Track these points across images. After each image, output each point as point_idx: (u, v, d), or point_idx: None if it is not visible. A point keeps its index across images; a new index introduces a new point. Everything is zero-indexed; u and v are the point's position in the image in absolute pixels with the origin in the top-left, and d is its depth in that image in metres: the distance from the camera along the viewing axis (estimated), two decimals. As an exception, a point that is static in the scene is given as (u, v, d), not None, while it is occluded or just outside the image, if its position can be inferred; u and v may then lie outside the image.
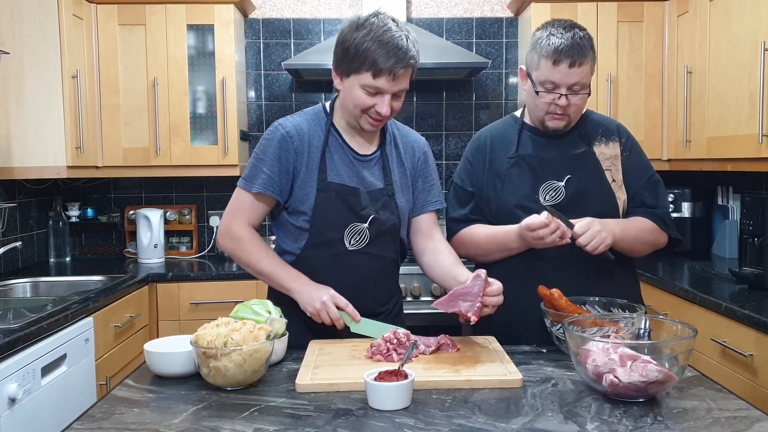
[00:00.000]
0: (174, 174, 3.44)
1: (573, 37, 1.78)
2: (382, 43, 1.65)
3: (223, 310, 2.30)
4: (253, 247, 1.81)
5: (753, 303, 2.27)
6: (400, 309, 2.00)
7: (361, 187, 1.81)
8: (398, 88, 1.71)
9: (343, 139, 1.83)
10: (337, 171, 1.80)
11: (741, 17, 2.66)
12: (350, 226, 1.79)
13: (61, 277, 3.08)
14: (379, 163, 1.86)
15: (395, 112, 1.76)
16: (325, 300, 1.71)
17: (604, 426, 1.23)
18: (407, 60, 1.69)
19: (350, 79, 1.72)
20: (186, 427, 1.25)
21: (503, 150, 1.94)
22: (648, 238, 1.90)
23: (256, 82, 3.78)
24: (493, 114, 3.81)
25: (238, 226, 1.82)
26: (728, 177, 3.36)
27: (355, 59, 1.68)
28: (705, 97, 2.95)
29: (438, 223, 1.97)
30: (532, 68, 1.85)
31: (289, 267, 1.81)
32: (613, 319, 1.58)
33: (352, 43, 1.68)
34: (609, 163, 1.92)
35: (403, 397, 1.32)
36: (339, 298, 1.72)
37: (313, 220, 1.78)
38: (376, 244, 1.83)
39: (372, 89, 1.69)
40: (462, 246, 1.97)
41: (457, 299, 1.62)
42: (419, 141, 1.96)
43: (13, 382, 1.90)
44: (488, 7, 3.80)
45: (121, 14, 3.31)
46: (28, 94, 2.96)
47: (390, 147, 1.89)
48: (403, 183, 1.88)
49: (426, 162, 1.95)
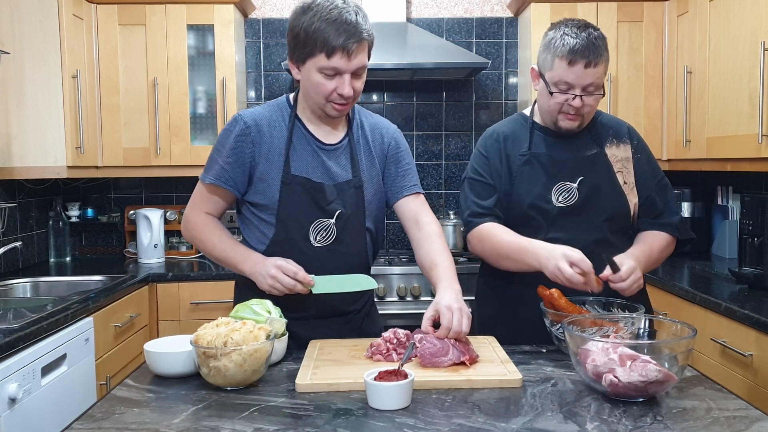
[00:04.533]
0: (174, 174, 3.44)
1: (588, 37, 1.76)
2: (330, 21, 1.62)
3: (223, 310, 2.31)
4: (206, 233, 1.80)
5: (753, 303, 2.27)
6: (371, 307, 1.95)
7: (327, 179, 1.77)
8: (356, 66, 1.67)
9: (307, 130, 1.79)
10: (301, 162, 1.76)
11: (741, 17, 2.66)
12: (315, 222, 1.76)
13: (61, 277, 3.08)
14: (346, 152, 1.82)
15: (358, 92, 1.71)
16: (273, 273, 1.67)
17: (603, 426, 1.23)
18: (359, 34, 1.64)
19: (306, 65, 1.68)
20: (186, 427, 1.25)
21: (515, 147, 1.92)
22: (665, 254, 1.92)
23: (256, 82, 3.79)
24: (493, 114, 3.82)
25: (194, 215, 1.83)
26: (728, 177, 3.36)
27: (307, 43, 1.65)
28: (705, 97, 2.95)
29: (425, 205, 1.87)
30: (546, 68, 1.82)
31: (240, 247, 1.78)
32: (612, 318, 1.58)
33: (301, 28, 1.65)
34: (620, 165, 1.91)
35: (403, 397, 1.32)
36: (287, 267, 1.67)
37: (278, 214, 1.75)
38: (344, 241, 1.79)
39: (329, 71, 1.66)
40: (480, 242, 1.88)
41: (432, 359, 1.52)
42: (389, 127, 1.91)
43: (13, 382, 1.90)
44: (488, 7, 3.80)
45: (121, 14, 3.31)
46: (28, 94, 2.96)
47: (357, 135, 1.84)
48: (371, 173, 1.83)
49: (398, 147, 1.89)
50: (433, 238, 1.79)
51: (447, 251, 1.77)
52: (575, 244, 1.79)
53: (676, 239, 1.94)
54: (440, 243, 1.79)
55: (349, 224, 1.79)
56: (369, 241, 1.86)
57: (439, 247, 1.77)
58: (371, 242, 1.87)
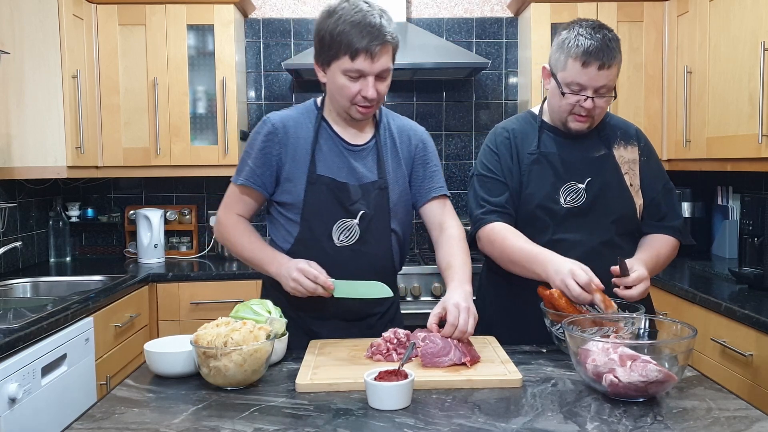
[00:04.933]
0: (174, 174, 3.44)
1: (603, 39, 1.73)
2: (354, 24, 1.63)
3: (223, 310, 2.30)
4: (236, 235, 1.82)
5: (753, 303, 2.27)
6: (396, 312, 1.95)
7: (352, 179, 1.78)
8: (379, 68, 1.68)
9: (333, 131, 1.81)
10: (327, 162, 1.78)
11: (741, 17, 2.66)
12: (339, 222, 1.77)
13: (61, 277, 3.08)
14: (373, 154, 1.83)
15: (382, 95, 1.73)
16: (295, 276, 1.67)
17: (603, 426, 1.23)
18: (383, 37, 1.65)
19: (331, 68, 1.70)
20: (186, 427, 1.25)
21: (525, 145, 1.90)
22: (670, 259, 1.92)
23: (256, 82, 3.79)
24: (493, 114, 3.82)
25: (225, 216, 1.84)
26: (728, 177, 3.36)
27: (332, 46, 1.66)
28: (705, 97, 2.95)
29: (450, 210, 1.88)
30: (558, 68, 1.80)
31: (267, 248, 1.79)
32: (612, 318, 1.58)
33: (326, 31, 1.67)
34: (627, 167, 1.90)
35: (403, 397, 1.32)
36: (308, 271, 1.66)
37: (303, 213, 1.77)
38: (367, 241, 1.79)
39: (353, 73, 1.67)
40: (490, 244, 1.85)
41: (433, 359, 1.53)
42: (416, 129, 1.92)
43: (13, 382, 1.90)
44: (488, 7, 3.80)
45: (121, 14, 3.31)
46: (28, 94, 2.96)
47: (384, 136, 1.85)
48: (397, 174, 1.84)
49: (426, 149, 1.89)
50: (452, 241, 1.80)
51: (464, 253, 1.78)
52: (582, 245, 1.79)
53: (679, 244, 1.93)
54: (458, 246, 1.79)
55: (373, 225, 1.80)
56: (395, 243, 1.86)
57: (456, 250, 1.78)
58: (397, 244, 1.87)
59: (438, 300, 1.76)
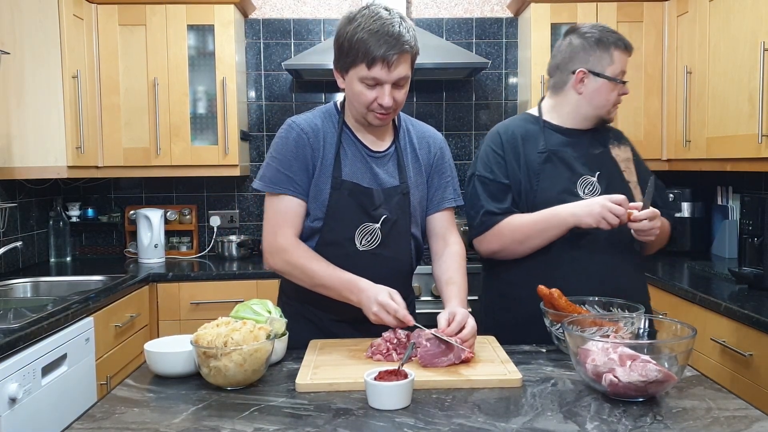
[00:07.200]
0: (174, 174, 3.44)
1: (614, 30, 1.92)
2: (372, 32, 1.63)
3: (223, 310, 2.30)
4: (308, 261, 1.73)
5: (753, 303, 2.27)
6: (412, 312, 1.95)
7: (376, 185, 1.78)
8: (396, 77, 1.67)
9: (355, 136, 1.81)
10: (351, 168, 1.77)
11: (740, 17, 2.67)
12: (361, 226, 1.77)
13: (61, 277, 3.08)
14: (394, 159, 1.83)
15: (400, 103, 1.72)
16: (375, 311, 1.62)
17: (603, 426, 1.23)
18: (400, 46, 1.65)
19: (349, 74, 1.70)
20: (186, 427, 1.25)
21: (532, 147, 1.93)
22: (666, 236, 2.00)
23: (257, 82, 3.79)
24: (493, 114, 3.82)
25: (283, 237, 1.75)
26: (728, 177, 3.36)
27: (350, 53, 1.66)
28: (704, 97, 2.95)
29: (454, 222, 1.92)
30: (605, 65, 1.89)
31: (344, 275, 1.70)
32: (612, 318, 1.58)
33: (345, 38, 1.66)
34: (624, 165, 1.97)
35: (403, 397, 1.32)
36: (389, 305, 1.61)
37: (326, 218, 1.76)
38: (388, 245, 1.80)
39: (370, 81, 1.67)
40: (499, 236, 1.89)
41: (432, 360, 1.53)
42: (436, 136, 1.92)
43: (13, 382, 1.90)
44: (488, 7, 3.80)
45: (121, 14, 3.31)
46: (28, 94, 2.97)
47: (404, 142, 1.86)
48: (418, 180, 1.85)
49: (443, 158, 1.90)
50: (456, 258, 1.84)
51: (465, 274, 1.82)
52: (599, 234, 1.84)
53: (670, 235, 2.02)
54: (461, 264, 1.83)
55: (394, 229, 1.80)
56: (413, 247, 1.87)
57: (459, 267, 1.82)
58: (415, 248, 1.88)
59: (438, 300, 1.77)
